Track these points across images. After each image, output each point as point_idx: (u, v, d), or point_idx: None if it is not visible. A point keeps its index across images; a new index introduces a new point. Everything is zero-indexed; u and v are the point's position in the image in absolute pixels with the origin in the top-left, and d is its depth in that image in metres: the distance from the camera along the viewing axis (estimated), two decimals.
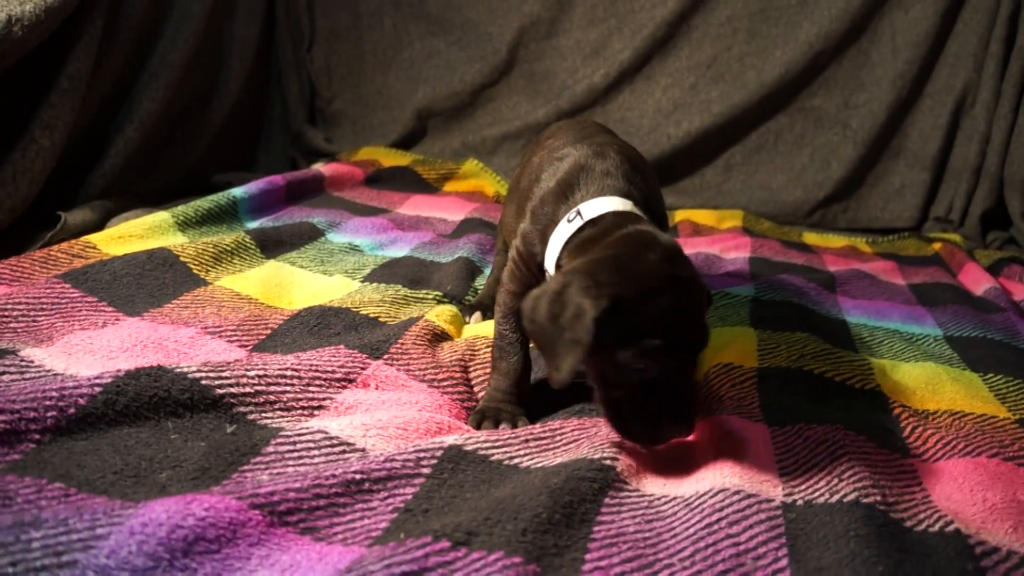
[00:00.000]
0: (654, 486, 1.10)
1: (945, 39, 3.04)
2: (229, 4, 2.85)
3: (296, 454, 1.05)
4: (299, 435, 1.09)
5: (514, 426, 1.22)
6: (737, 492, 1.03)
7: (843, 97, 3.11)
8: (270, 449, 1.05)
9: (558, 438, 1.18)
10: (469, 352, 1.45)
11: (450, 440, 1.10)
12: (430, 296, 1.72)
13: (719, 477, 1.08)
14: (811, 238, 2.89)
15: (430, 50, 3.35)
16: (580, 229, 1.19)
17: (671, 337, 1.07)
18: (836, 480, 1.09)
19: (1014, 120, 2.92)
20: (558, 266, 1.20)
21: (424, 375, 1.34)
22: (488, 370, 1.38)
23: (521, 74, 3.28)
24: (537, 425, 1.21)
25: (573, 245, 1.19)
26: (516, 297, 1.29)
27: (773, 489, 1.07)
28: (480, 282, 1.88)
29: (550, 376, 1.09)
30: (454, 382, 1.35)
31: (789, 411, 1.31)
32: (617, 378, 1.09)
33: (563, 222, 1.21)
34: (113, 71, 2.21)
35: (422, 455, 1.05)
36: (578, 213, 1.20)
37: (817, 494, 1.07)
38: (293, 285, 1.74)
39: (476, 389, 1.37)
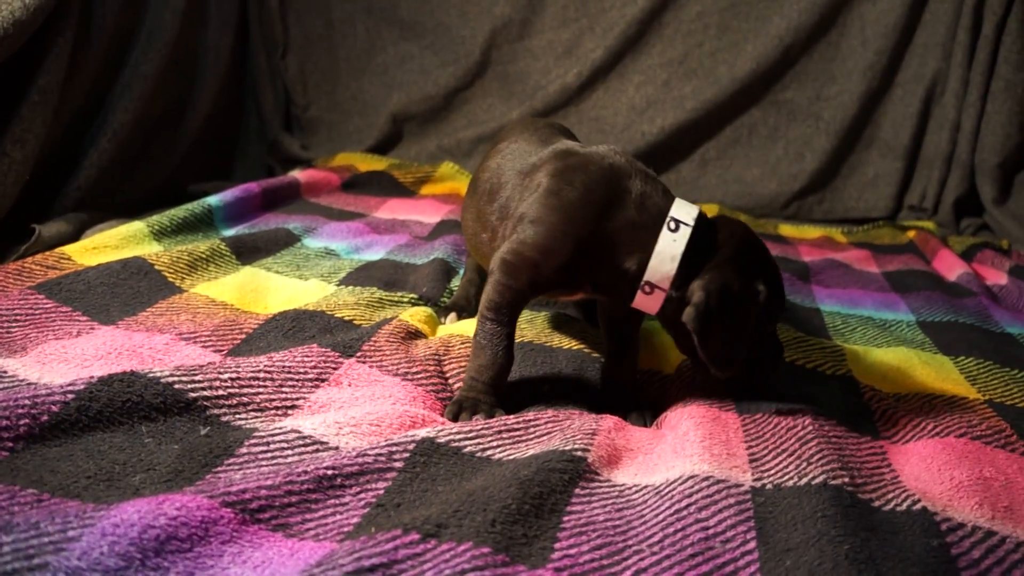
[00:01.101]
0: (625, 476, 1.11)
1: (913, 29, 3.08)
2: (202, 14, 2.85)
3: (270, 454, 1.06)
4: (272, 435, 1.09)
5: (490, 417, 1.22)
6: (707, 478, 1.05)
7: (815, 89, 3.15)
8: (243, 450, 1.06)
9: (531, 430, 1.19)
10: (443, 348, 1.46)
11: (423, 433, 1.10)
12: (405, 299, 1.73)
13: (689, 464, 1.09)
14: (787, 230, 2.92)
15: (403, 55, 3.37)
16: (694, 239, 1.25)
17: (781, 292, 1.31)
18: (805, 464, 1.11)
19: (983, 108, 2.96)
20: (682, 275, 1.24)
21: (397, 369, 1.35)
22: (462, 365, 1.40)
23: (495, 76, 3.30)
24: (511, 416, 1.21)
25: (706, 256, 1.25)
26: (517, 294, 1.29)
27: (743, 475, 1.08)
28: (456, 283, 1.88)
29: (719, 371, 1.26)
30: (428, 375, 1.36)
31: (760, 399, 1.33)
32: (759, 338, 1.29)
33: (665, 232, 1.24)
34: (85, 83, 2.21)
35: (394, 449, 1.06)
36: (677, 222, 1.24)
37: (786, 477, 1.08)
38: (268, 290, 1.74)
39: (451, 381, 1.38)
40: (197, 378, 1.16)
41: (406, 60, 3.37)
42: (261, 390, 1.19)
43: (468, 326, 1.59)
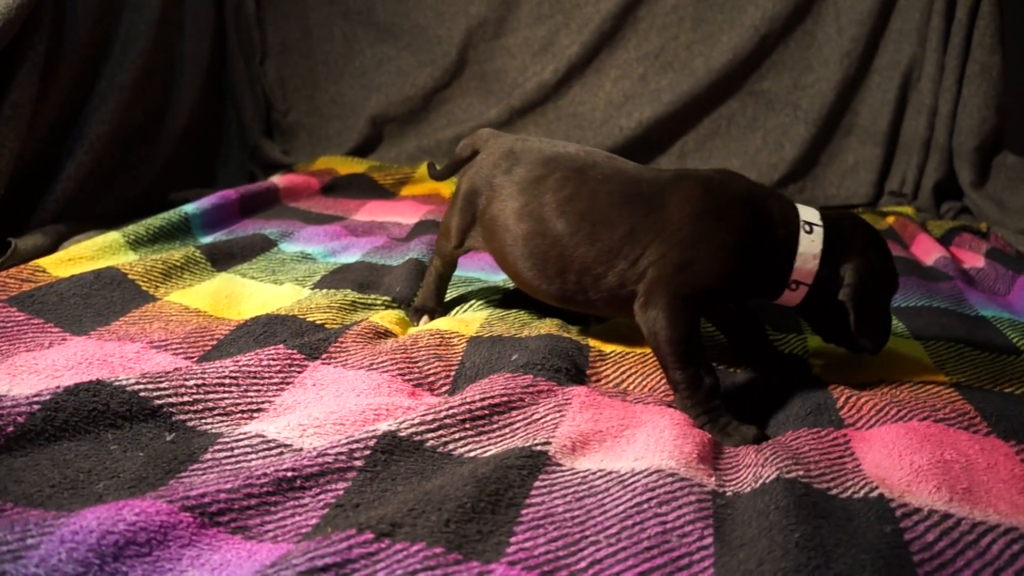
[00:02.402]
0: (590, 461, 1.12)
1: (888, 15, 3.09)
2: (177, 23, 2.86)
3: (234, 459, 1.07)
4: (236, 440, 1.11)
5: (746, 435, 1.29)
6: (672, 475, 1.06)
7: (792, 78, 3.16)
8: (208, 456, 1.08)
9: (495, 419, 1.20)
10: (411, 340, 1.48)
11: (384, 427, 1.12)
12: (378, 301, 1.74)
13: (658, 458, 1.10)
14: None
15: (381, 57, 3.38)
16: (827, 236, 1.41)
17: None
18: (759, 468, 1.12)
19: (959, 91, 2.98)
20: (824, 268, 1.40)
21: (361, 363, 1.37)
22: (432, 352, 1.44)
23: (472, 75, 3.32)
24: (476, 401, 1.22)
25: (840, 247, 1.41)
26: (695, 322, 1.38)
27: (708, 478, 1.09)
28: None
29: (868, 343, 1.44)
30: (394, 361, 1.38)
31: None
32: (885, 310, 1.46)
33: (802, 235, 1.40)
34: (60, 96, 2.22)
35: (355, 447, 1.07)
36: (810, 224, 1.41)
37: (744, 486, 1.09)
38: (243, 296, 1.75)
39: (420, 365, 1.40)
40: (163, 385, 1.18)
41: (384, 62, 3.38)
42: (226, 395, 1.21)
43: (440, 323, 1.60)
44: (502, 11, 3.26)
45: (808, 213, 1.43)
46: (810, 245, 1.39)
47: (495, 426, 1.19)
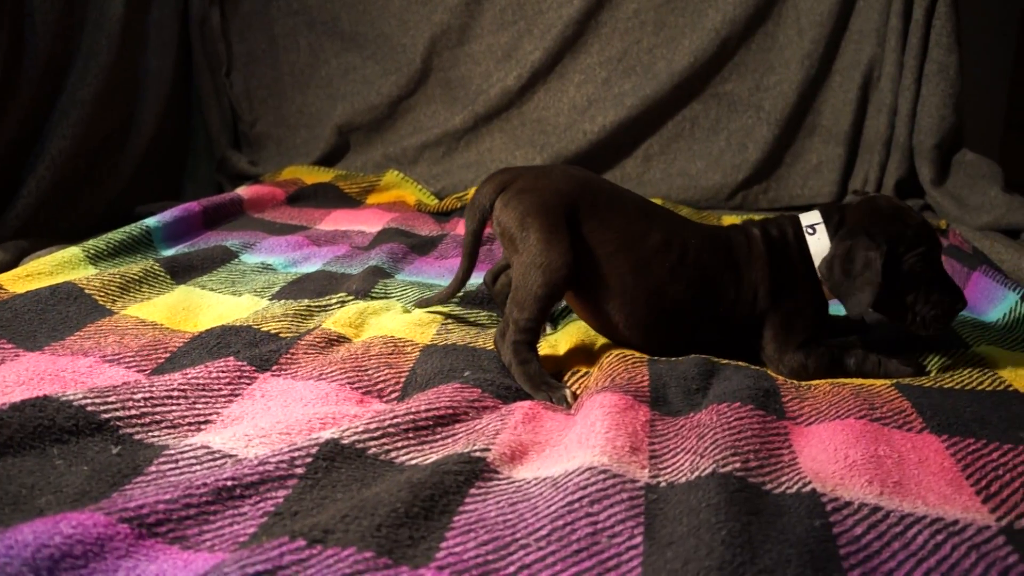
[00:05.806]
0: (528, 470, 1.13)
1: (848, 16, 3.12)
2: (140, 37, 2.87)
3: (178, 471, 1.09)
4: (182, 452, 1.12)
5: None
6: (604, 471, 1.07)
7: (754, 80, 3.18)
8: (152, 468, 1.09)
9: (439, 429, 1.22)
10: (363, 348, 1.49)
11: (327, 434, 1.13)
12: (333, 300, 1.75)
13: (589, 455, 1.11)
14: (732, 221, 2.94)
15: (346, 66, 3.40)
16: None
17: (929, 244, 1.54)
18: (698, 458, 1.14)
19: (918, 91, 3.00)
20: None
21: (311, 374, 1.38)
22: (384, 361, 1.46)
23: (436, 82, 3.33)
24: (422, 412, 1.23)
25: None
26: None
27: (640, 470, 1.11)
28: (388, 284, 1.91)
29: (850, 312, 1.51)
30: (343, 371, 1.40)
31: (671, 403, 1.37)
32: (907, 286, 1.54)
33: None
34: (19, 112, 2.23)
35: (296, 455, 1.08)
36: (812, 227, 1.65)
37: (680, 475, 1.11)
38: (201, 308, 1.76)
39: (371, 374, 1.42)
40: (110, 399, 1.19)
41: (349, 71, 3.40)
42: (174, 408, 1.22)
43: (395, 330, 1.61)
44: (465, 18, 3.27)
45: (809, 217, 1.69)
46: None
47: (438, 436, 1.21)
